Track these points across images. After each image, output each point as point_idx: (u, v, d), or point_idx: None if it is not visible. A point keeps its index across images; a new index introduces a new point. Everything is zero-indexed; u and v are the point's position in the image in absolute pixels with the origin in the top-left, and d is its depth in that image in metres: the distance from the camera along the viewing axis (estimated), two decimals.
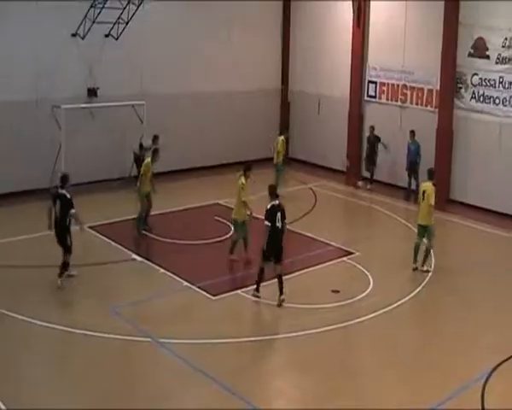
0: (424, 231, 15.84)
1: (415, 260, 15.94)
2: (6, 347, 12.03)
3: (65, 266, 14.46)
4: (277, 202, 14.03)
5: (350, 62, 24.53)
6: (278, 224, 13.81)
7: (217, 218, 18.90)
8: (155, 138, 20.36)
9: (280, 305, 13.75)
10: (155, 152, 18.06)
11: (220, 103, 25.41)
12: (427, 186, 15.81)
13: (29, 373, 11.18)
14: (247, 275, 15.36)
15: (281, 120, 27.55)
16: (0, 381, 10.77)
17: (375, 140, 23.17)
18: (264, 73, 26.85)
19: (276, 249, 13.81)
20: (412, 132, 22.00)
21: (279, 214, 13.85)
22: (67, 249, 14.50)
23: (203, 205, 20.44)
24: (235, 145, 25.51)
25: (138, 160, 21.03)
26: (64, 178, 14.58)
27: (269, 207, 13.94)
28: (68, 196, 14.33)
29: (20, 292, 14.21)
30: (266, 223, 13.79)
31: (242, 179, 15.99)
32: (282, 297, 13.78)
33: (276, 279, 13.92)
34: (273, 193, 14.17)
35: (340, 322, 13.21)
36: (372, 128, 23.23)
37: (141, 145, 21.66)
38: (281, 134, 23.08)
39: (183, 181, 23.32)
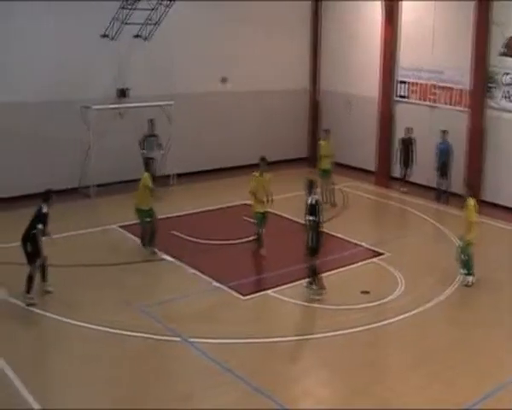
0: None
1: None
2: (38, 345, 12.16)
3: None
4: (317, 196, 14.08)
5: (380, 62, 24.38)
6: (321, 219, 13.91)
7: (245, 218, 18.87)
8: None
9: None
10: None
11: (248, 103, 25.40)
12: (468, 201, 15.11)
13: (60, 371, 11.29)
14: (277, 275, 15.28)
15: (310, 120, 27.43)
16: (33, 380, 10.80)
17: (409, 142, 22.82)
18: (293, 73, 26.77)
19: (320, 245, 13.89)
20: (444, 132, 21.75)
21: (320, 209, 13.91)
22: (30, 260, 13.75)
23: (232, 205, 20.42)
24: (263, 145, 25.27)
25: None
26: (47, 194, 14.06)
27: (313, 201, 13.86)
28: (44, 210, 13.81)
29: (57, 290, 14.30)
30: (311, 217, 13.74)
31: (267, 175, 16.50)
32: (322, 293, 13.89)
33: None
34: (311, 187, 14.07)
35: (369, 323, 13.10)
36: (408, 130, 22.82)
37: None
38: (320, 138, 22.53)
39: (212, 181, 23.35)
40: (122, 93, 22.26)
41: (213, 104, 24.35)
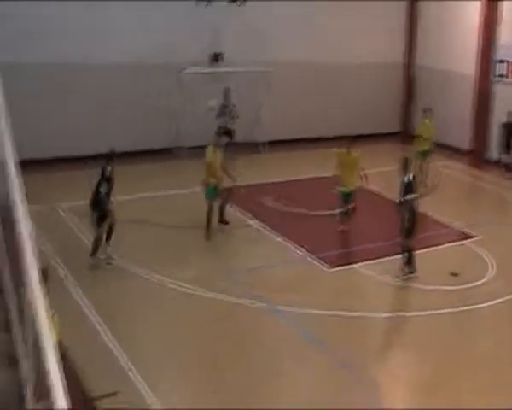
0: None
1: None
2: (127, 300, 12.45)
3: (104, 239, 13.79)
4: (412, 173, 13.63)
5: (478, 40, 23.62)
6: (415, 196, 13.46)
7: (335, 190, 18.71)
8: None
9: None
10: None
11: (342, 74, 25.01)
12: None
13: (146, 326, 11.55)
14: (365, 250, 15.13)
15: (404, 95, 26.91)
16: (122, 333, 11.07)
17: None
18: (389, 46, 26.19)
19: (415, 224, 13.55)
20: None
21: (415, 186, 13.51)
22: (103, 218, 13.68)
23: (322, 176, 20.22)
24: (355, 118, 25.10)
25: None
26: (110, 156, 13.95)
27: (411, 179, 13.44)
28: (108, 172, 13.65)
29: (141, 247, 14.63)
30: (411, 196, 13.35)
31: (354, 153, 15.93)
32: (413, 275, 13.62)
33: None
34: (407, 165, 13.62)
35: (457, 306, 12.81)
36: (511, 114, 21.89)
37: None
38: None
39: (303, 151, 23.19)
40: (217, 58, 22.30)
41: (306, 74, 24.08)
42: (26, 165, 7.41)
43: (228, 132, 20.27)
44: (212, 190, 15.39)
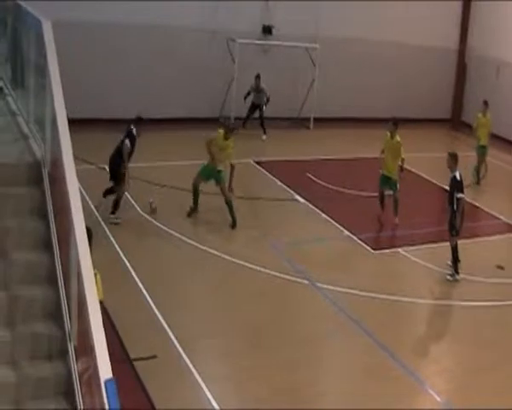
0: None
1: None
2: (169, 263, 12.45)
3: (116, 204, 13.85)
4: (459, 171, 12.91)
5: None
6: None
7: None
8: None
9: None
10: None
11: (392, 55, 24.56)
12: None
13: (188, 293, 11.53)
14: (410, 235, 14.85)
15: (456, 81, 26.37)
16: (167, 299, 11.07)
17: None
18: (443, 31, 25.61)
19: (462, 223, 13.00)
20: None
21: (463, 183, 12.91)
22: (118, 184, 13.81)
23: (369, 157, 19.96)
24: (404, 101, 24.69)
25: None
26: (138, 119, 14.08)
27: (459, 177, 12.76)
28: (134, 132, 13.78)
29: (185, 214, 14.57)
30: (461, 195, 12.72)
31: (397, 137, 15.15)
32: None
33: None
34: (456, 161, 12.94)
35: (501, 299, 12.51)
36: None
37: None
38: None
39: (348, 129, 22.86)
40: (267, 30, 22.09)
41: (357, 51, 23.66)
42: (72, 124, 7.33)
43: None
44: (210, 171, 14.49)
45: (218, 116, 21.45)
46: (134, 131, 13.79)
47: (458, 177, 12.83)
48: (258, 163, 18.16)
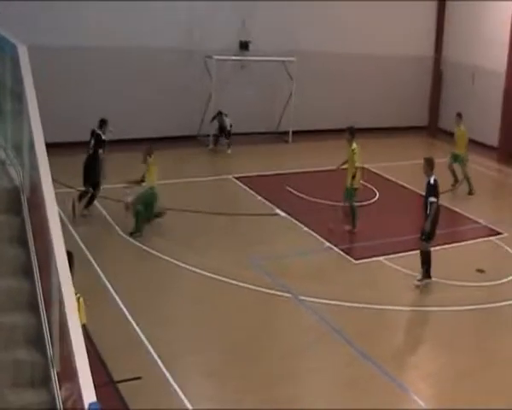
0: None
1: None
2: (151, 284, 12.46)
3: (91, 199, 15.18)
4: (434, 176, 12.98)
5: (509, 35, 23.29)
6: (438, 199, 12.97)
7: (362, 182, 18.56)
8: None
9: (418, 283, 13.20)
10: None
11: (368, 66, 24.79)
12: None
13: (170, 312, 11.57)
14: (391, 243, 14.99)
15: (432, 88, 26.64)
16: (150, 319, 11.10)
17: None
18: (417, 40, 25.93)
19: (435, 228, 13.12)
20: None
21: (438, 189, 12.98)
22: (96, 184, 15.17)
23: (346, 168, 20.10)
24: (378, 110, 24.92)
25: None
26: (102, 122, 15.35)
27: (433, 181, 12.86)
28: (102, 137, 15.11)
29: (166, 233, 14.66)
30: (433, 199, 12.77)
31: (354, 145, 15.20)
32: (429, 280, 13.21)
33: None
34: (432, 166, 13.02)
35: (482, 303, 12.65)
36: None
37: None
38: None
39: (327, 141, 22.96)
40: (244, 46, 22.24)
41: (333, 64, 23.89)
42: (51, 148, 7.39)
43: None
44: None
45: (196, 134, 21.57)
46: (101, 135, 15.09)
47: (432, 181, 12.92)
48: (238, 179, 18.24)
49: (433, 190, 12.88)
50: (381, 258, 14.22)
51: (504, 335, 12.14)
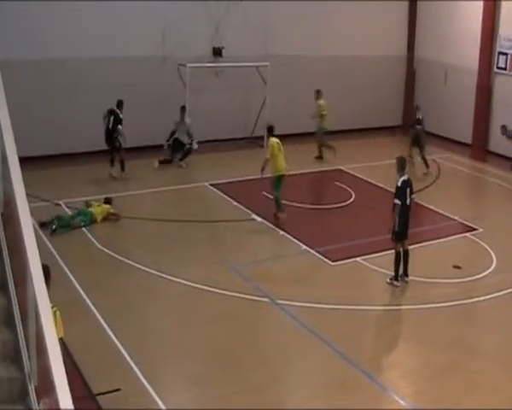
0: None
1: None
2: (129, 295, 12.44)
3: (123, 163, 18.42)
4: (406, 176, 13.16)
5: (480, 32, 23.56)
6: (408, 201, 13.07)
7: (337, 183, 18.72)
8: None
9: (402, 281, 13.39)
10: None
11: (342, 68, 24.90)
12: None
13: (148, 322, 11.57)
14: (367, 243, 15.09)
15: (405, 87, 26.85)
16: (123, 329, 11.09)
17: None
18: (390, 40, 26.04)
19: (405, 228, 13.24)
20: None
21: (408, 190, 13.10)
22: (120, 147, 18.34)
23: (323, 170, 20.25)
24: (355, 112, 25.04)
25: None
26: (120, 103, 18.37)
27: (400, 183, 13.01)
28: (120, 115, 18.10)
29: (142, 242, 14.66)
30: (397, 201, 12.96)
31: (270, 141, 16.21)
32: (407, 279, 13.38)
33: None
34: (403, 165, 13.20)
35: (459, 299, 12.80)
36: None
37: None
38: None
39: (303, 145, 23.06)
40: (217, 52, 22.26)
41: (307, 67, 23.97)
42: (24, 162, 7.40)
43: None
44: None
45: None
46: (119, 114, 18.24)
47: (399, 183, 13.08)
48: (213, 185, 18.28)
49: (397, 191, 13.05)
50: (357, 259, 14.32)
51: (482, 330, 12.35)
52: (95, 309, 11.58)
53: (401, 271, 13.39)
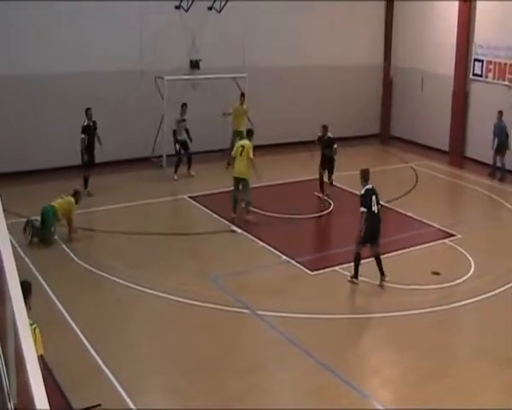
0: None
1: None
2: (109, 310, 12.42)
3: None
4: (371, 185, 13.57)
5: (455, 39, 23.82)
6: (374, 208, 13.41)
7: (316, 193, 18.79)
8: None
9: (381, 285, 13.54)
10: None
11: (320, 78, 25.10)
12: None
13: (128, 336, 11.54)
14: (346, 252, 15.07)
15: (383, 96, 27.08)
16: (103, 344, 11.06)
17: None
18: (366, 49, 26.33)
19: (373, 234, 13.51)
20: (500, 113, 21.34)
21: (374, 198, 13.43)
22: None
23: (303, 180, 20.31)
24: (333, 121, 25.10)
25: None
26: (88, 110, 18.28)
27: (363, 191, 13.50)
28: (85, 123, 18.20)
29: (122, 257, 14.64)
30: (362, 209, 13.35)
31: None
32: (386, 278, 13.56)
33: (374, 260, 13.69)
34: (365, 177, 13.67)
35: (439, 305, 12.89)
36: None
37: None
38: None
39: (279, 155, 23.18)
40: (195, 64, 22.34)
41: (284, 78, 24.10)
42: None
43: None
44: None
45: (149, 156, 21.60)
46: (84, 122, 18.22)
47: (362, 191, 13.53)
48: (192, 198, 18.32)
49: (362, 199, 13.49)
50: (336, 268, 14.38)
51: (462, 335, 12.47)
52: (74, 325, 11.54)
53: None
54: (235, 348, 11.37)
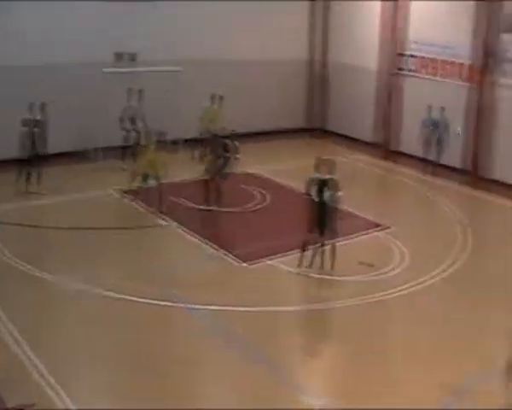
0: None
1: None
2: (41, 307, 12.20)
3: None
4: (318, 175, 13.76)
5: (380, 35, 24.29)
6: (315, 197, 13.63)
7: (244, 186, 18.79)
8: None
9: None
10: None
11: (248, 72, 25.08)
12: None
13: (64, 333, 11.39)
14: (281, 244, 15.17)
15: (308, 90, 27.26)
16: (42, 344, 10.89)
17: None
18: (292, 43, 26.32)
19: (317, 223, 13.69)
20: (430, 107, 21.64)
21: (317, 187, 13.64)
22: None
23: (234, 173, 20.17)
24: (257, 114, 25.20)
25: None
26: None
27: (308, 179, 13.83)
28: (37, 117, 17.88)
29: (59, 253, 14.55)
30: (306, 196, 13.69)
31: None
32: (325, 270, 13.82)
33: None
34: (316, 166, 13.90)
35: (372, 295, 13.06)
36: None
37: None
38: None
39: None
40: (130, 57, 22.10)
41: (218, 71, 23.93)
42: None
43: None
44: None
45: (83, 149, 21.26)
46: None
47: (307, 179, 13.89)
48: (120, 192, 18.17)
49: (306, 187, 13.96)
50: (272, 260, 14.42)
51: (396, 324, 12.66)
52: (7, 323, 11.30)
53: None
54: (170, 344, 11.25)
